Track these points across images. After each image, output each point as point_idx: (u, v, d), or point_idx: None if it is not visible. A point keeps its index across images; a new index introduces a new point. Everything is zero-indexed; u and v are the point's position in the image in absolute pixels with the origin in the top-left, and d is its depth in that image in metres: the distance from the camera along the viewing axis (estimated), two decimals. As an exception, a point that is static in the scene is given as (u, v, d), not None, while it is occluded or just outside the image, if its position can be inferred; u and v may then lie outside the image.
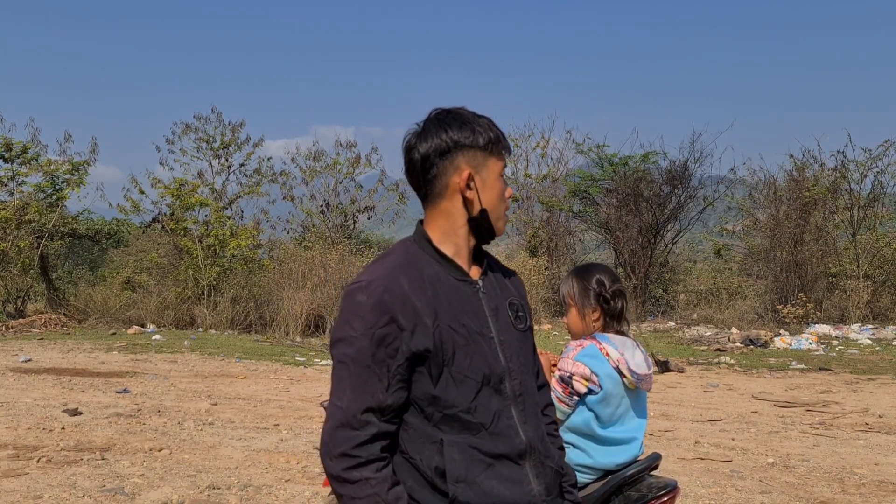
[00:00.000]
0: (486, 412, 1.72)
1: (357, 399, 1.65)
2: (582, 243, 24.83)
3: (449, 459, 1.68)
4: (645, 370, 2.57)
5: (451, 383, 1.70)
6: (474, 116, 1.79)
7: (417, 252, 1.80)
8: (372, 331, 1.66)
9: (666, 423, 7.71)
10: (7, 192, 21.28)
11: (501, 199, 1.81)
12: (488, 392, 1.73)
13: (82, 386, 9.57)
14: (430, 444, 1.70)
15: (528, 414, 1.79)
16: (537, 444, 1.79)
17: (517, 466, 1.74)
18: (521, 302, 1.91)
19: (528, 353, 1.88)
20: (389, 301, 1.67)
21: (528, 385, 1.83)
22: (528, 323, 1.90)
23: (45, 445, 6.40)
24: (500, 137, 1.80)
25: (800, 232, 19.08)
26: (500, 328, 1.79)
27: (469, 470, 1.69)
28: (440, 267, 1.78)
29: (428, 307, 1.70)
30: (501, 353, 1.76)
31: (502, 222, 1.84)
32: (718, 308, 19.29)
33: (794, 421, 7.89)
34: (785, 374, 11.33)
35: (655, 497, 2.49)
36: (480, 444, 1.71)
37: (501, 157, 1.80)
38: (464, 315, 1.74)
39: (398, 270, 1.73)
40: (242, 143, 23.83)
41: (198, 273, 19.53)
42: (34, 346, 14.20)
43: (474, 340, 1.73)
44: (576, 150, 23.65)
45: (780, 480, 5.64)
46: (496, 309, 1.80)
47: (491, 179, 1.79)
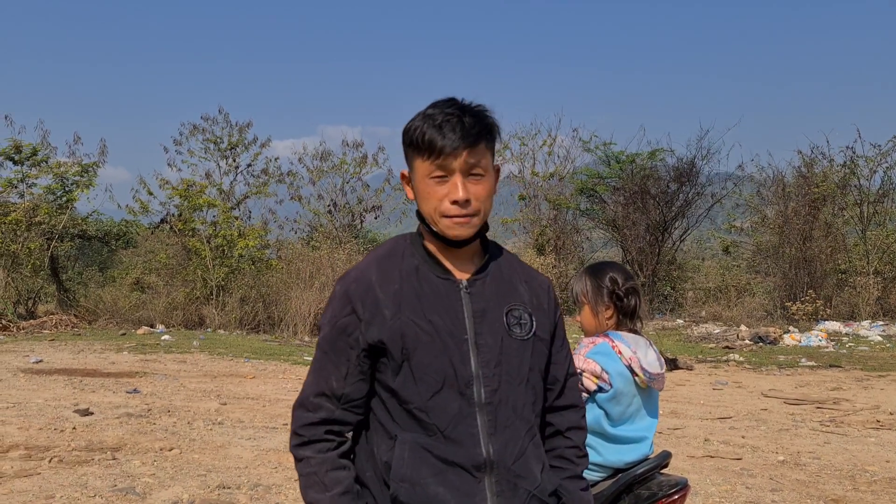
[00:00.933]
0: (444, 415, 1.65)
1: (314, 383, 1.72)
2: (589, 241, 24.81)
3: (397, 457, 1.65)
4: (657, 369, 2.56)
5: (410, 379, 1.66)
6: (436, 110, 1.67)
7: (405, 245, 1.78)
8: (335, 320, 1.71)
9: (675, 420, 7.70)
10: (17, 195, 21.40)
11: (429, 201, 1.68)
12: (450, 394, 1.65)
13: (93, 386, 9.63)
14: (387, 439, 1.68)
15: (499, 426, 1.67)
16: (505, 460, 1.67)
17: (472, 479, 1.65)
18: (530, 310, 1.77)
19: (522, 363, 1.73)
20: (354, 291, 1.70)
21: (508, 395, 1.69)
22: (532, 331, 1.75)
23: (57, 445, 6.44)
24: (425, 138, 1.64)
25: (809, 228, 19.01)
26: (483, 331, 1.69)
27: (416, 471, 1.64)
28: (423, 262, 1.73)
29: (391, 299, 1.67)
30: (474, 357, 1.67)
31: (444, 224, 1.67)
32: (727, 305, 19.24)
33: (805, 418, 7.86)
34: (794, 372, 11.29)
35: (666, 495, 2.48)
36: (433, 446, 1.65)
37: (430, 157, 1.65)
38: (434, 312, 1.68)
39: (374, 262, 1.74)
40: (250, 143, 23.89)
41: (206, 273, 19.61)
42: (45, 347, 14.29)
43: (441, 339, 1.66)
44: (582, 147, 23.66)
45: (791, 478, 5.62)
46: (483, 311, 1.71)
47: (416, 180, 1.71)
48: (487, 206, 1.72)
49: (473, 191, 1.66)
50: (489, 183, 1.71)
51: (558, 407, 1.86)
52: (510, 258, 1.85)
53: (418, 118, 1.68)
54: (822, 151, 20.22)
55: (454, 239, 1.70)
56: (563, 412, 1.87)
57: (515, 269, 1.83)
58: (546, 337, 1.80)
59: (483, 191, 1.68)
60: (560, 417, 1.86)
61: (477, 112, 1.68)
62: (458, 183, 1.65)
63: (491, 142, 1.71)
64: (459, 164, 1.64)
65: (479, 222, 1.71)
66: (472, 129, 1.64)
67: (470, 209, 1.66)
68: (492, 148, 1.72)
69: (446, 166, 1.64)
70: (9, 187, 21.21)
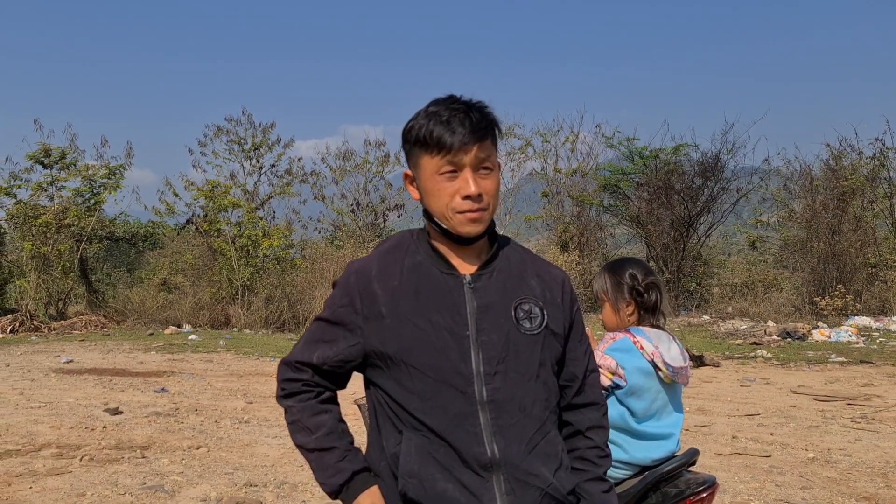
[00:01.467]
0: (443, 414, 1.63)
1: (301, 351, 1.78)
2: (613, 238, 24.63)
3: (405, 452, 1.65)
4: (681, 363, 2.53)
5: (409, 379, 1.66)
6: (440, 107, 1.67)
7: (410, 240, 1.78)
8: (332, 308, 1.75)
9: (702, 417, 7.62)
10: (47, 197, 21.75)
11: (439, 199, 1.66)
12: (450, 393, 1.63)
13: (122, 386, 9.76)
14: (396, 433, 1.69)
15: (504, 424, 1.64)
16: (512, 458, 1.63)
17: (479, 478, 1.62)
18: (541, 303, 1.73)
19: (531, 358, 1.69)
20: (354, 284, 1.72)
21: (513, 392, 1.65)
22: (543, 325, 1.71)
23: (88, 444, 6.54)
24: (433, 135, 1.63)
25: (837, 222, 18.72)
26: (486, 327, 1.66)
27: (423, 467, 1.63)
28: (427, 257, 1.73)
29: (389, 295, 1.68)
30: (475, 354, 1.64)
31: (457, 221, 1.66)
32: (754, 301, 19.01)
33: (835, 415, 7.74)
34: (824, 368, 11.12)
35: (694, 493, 2.46)
36: (435, 447, 1.63)
37: (439, 153, 1.64)
38: (434, 309, 1.66)
39: (377, 256, 1.76)
40: (273, 144, 24.06)
41: (232, 273, 19.78)
42: (75, 347, 14.52)
43: (439, 337, 1.65)
44: (605, 143, 23.50)
45: (822, 476, 5.54)
46: (487, 306, 1.68)
47: (424, 178, 1.69)
48: (495, 201, 1.71)
49: (483, 185, 1.66)
50: (497, 178, 1.71)
51: (578, 405, 1.82)
52: (522, 252, 1.83)
53: (421, 116, 1.67)
54: (851, 144, 19.95)
55: (466, 236, 1.68)
56: (583, 410, 1.82)
57: (527, 262, 1.80)
58: (560, 331, 1.76)
59: (492, 185, 1.68)
60: (580, 416, 1.82)
61: (481, 108, 1.68)
62: (470, 178, 1.64)
63: (495, 137, 1.71)
64: (470, 159, 1.64)
65: (489, 217, 1.70)
66: (480, 124, 1.64)
67: (482, 203, 1.65)
68: (496, 144, 1.72)
69: (456, 162, 1.64)
70: (39, 191, 21.57)
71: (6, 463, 5.89)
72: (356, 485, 1.71)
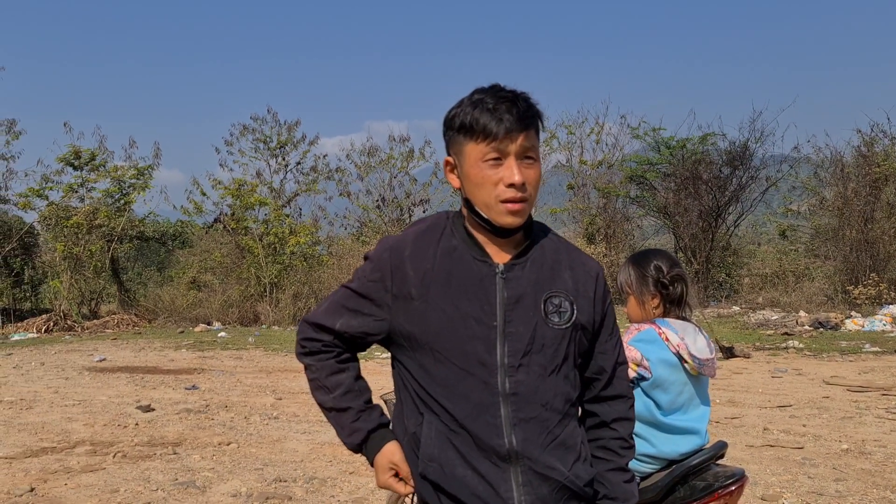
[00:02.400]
0: (465, 404, 1.64)
1: (324, 315, 1.78)
2: (640, 229, 24.43)
3: (425, 435, 1.67)
4: (707, 355, 2.50)
5: (433, 364, 1.66)
6: (485, 95, 1.66)
7: (447, 223, 1.76)
8: (364, 279, 1.75)
9: (732, 409, 7.54)
10: (78, 199, 22.13)
11: (483, 187, 1.65)
12: (473, 382, 1.63)
13: (154, 383, 9.90)
14: (417, 413, 1.71)
15: (524, 416, 1.63)
16: (531, 451, 1.63)
17: (496, 468, 1.63)
18: (572, 297, 1.71)
19: (557, 353, 1.68)
20: (387, 260, 1.71)
21: (536, 385, 1.65)
22: (572, 320, 1.70)
23: (121, 441, 6.65)
24: (479, 122, 1.62)
25: (870, 210, 18.36)
26: (514, 319, 1.65)
27: (443, 452, 1.65)
28: (462, 242, 1.71)
29: (421, 278, 1.67)
30: (500, 345, 1.64)
31: (496, 212, 1.65)
32: (785, 291, 18.73)
33: (869, 406, 7.60)
34: (858, 358, 10.93)
35: (722, 486, 2.43)
36: (454, 434, 1.65)
37: (485, 140, 1.63)
38: (463, 297, 1.65)
39: (412, 236, 1.74)
40: (298, 141, 24.23)
41: (259, 271, 19.96)
42: (108, 346, 14.76)
43: (466, 325, 1.64)
44: (631, 134, 23.30)
45: (856, 467, 5.45)
46: (518, 298, 1.67)
47: (467, 166, 1.67)
48: (536, 192, 1.70)
49: (527, 175, 1.65)
50: (539, 169, 1.69)
51: (605, 397, 1.82)
52: (558, 243, 1.79)
53: (466, 104, 1.66)
54: (883, 129, 19.51)
55: (506, 227, 1.66)
56: (611, 402, 1.82)
57: (562, 254, 1.77)
58: (589, 326, 1.74)
59: (535, 175, 1.67)
60: (607, 408, 1.81)
61: (526, 98, 1.67)
62: (514, 166, 1.63)
63: (538, 129, 1.70)
64: (515, 148, 1.63)
65: (530, 208, 1.69)
66: (527, 113, 1.64)
67: (525, 193, 1.64)
68: (539, 135, 1.71)
69: (502, 149, 1.62)
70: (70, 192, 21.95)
71: (42, 460, 6.01)
72: (373, 443, 1.75)
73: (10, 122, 21.29)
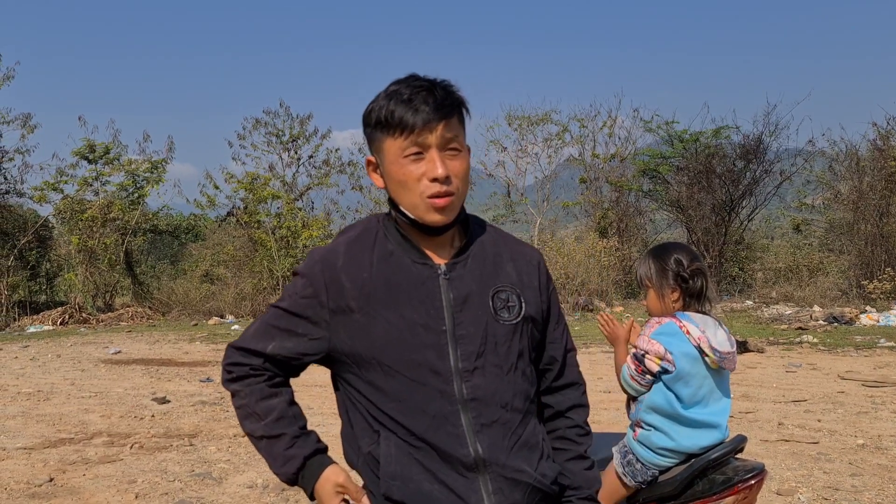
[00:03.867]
0: (423, 416, 1.53)
1: (253, 338, 1.65)
2: (653, 223, 24.32)
3: (384, 454, 1.55)
4: (728, 348, 2.49)
5: (381, 377, 1.55)
6: (401, 85, 1.54)
7: (378, 227, 1.64)
8: (293, 298, 1.62)
9: (747, 404, 7.51)
10: (92, 192, 22.30)
11: (406, 184, 1.53)
12: (428, 393, 1.53)
13: (168, 375, 9.98)
14: (371, 432, 1.59)
15: (487, 421, 1.54)
16: (498, 457, 1.54)
17: (464, 479, 1.53)
18: (518, 290, 1.63)
19: (510, 350, 1.59)
20: (319, 274, 1.59)
21: (495, 388, 1.56)
22: (521, 314, 1.61)
23: (137, 432, 6.71)
24: (395, 114, 1.50)
25: (885, 204, 18.21)
26: (464, 320, 1.55)
27: (406, 467, 1.54)
28: (398, 246, 1.60)
29: (358, 290, 1.56)
30: (452, 350, 1.54)
31: (422, 209, 1.53)
32: (799, 285, 18.61)
33: (885, 401, 7.56)
34: (873, 353, 10.86)
35: (742, 480, 2.42)
36: (416, 447, 1.54)
37: (403, 134, 1.51)
38: (407, 304, 1.55)
39: (343, 245, 1.62)
40: (310, 135, 24.29)
41: (272, 264, 20.04)
42: (123, 338, 14.88)
43: (414, 334, 1.53)
44: (644, 128, 23.16)
45: (872, 463, 5.42)
46: (465, 298, 1.57)
47: (388, 163, 1.55)
48: (465, 186, 1.58)
49: (452, 167, 1.53)
50: (466, 160, 1.58)
51: (558, 387, 1.75)
52: (495, 234, 1.70)
53: (381, 97, 1.55)
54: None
55: (434, 226, 1.56)
56: (563, 391, 1.75)
57: (501, 246, 1.68)
58: (538, 317, 1.66)
59: (461, 167, 1.55)
60: (560, 397, 1.74)
61: (446, 85, 1.55)
62: (437, 158, 1.51)
63: (463, 117, 1.58)
64: (435, 139, 1.51)
65: (459, 204, 1.58)
66: (445, 101, 1.52)
67: (451, 186, 1.53)
68: (464, 124, 1.58)
69: (422, 142, 1.51)
70: (84, 186, 22.11)
71: (60, 451, 6.08)
72: (310, 471, 1.62)
73: (26, 115, 21.46)
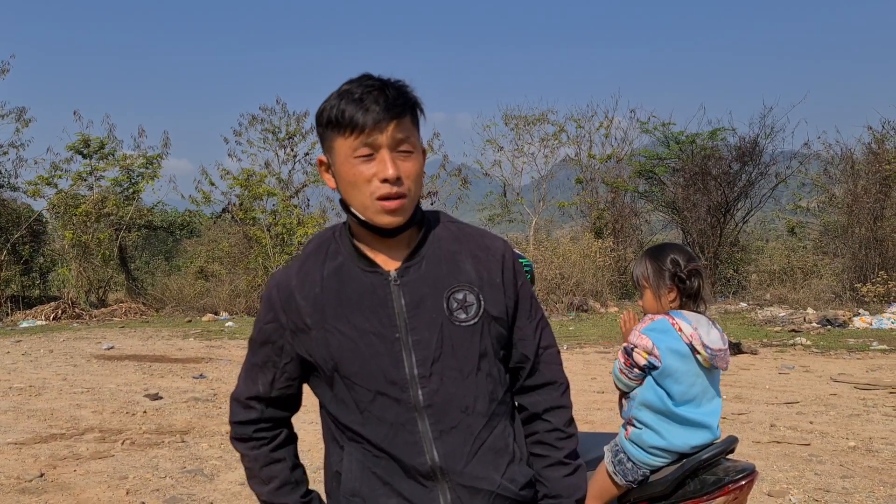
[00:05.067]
0: (381, 425, 1.53)
1: (245, 384, 1.68)
2: (648, 224, 24.36)
3: (346, 469, 1.57)
4: (720, 345, 2.49)
5: (344, 390, 1.55)
6: (353, 85, 1.51)
7: (332, 240, 1.64)
8: (260, 325, 1.64)
9: (739, 405, 7.53)
10: (87, 187, 22.23)
11: (356, 185, 1.50)
12: (385, 402, 1.52)
13: (161, 372, 9.95)
14: (338, 448, 1.61)
15: (446, 428, 1.52)
16: (455, 464, 1.52)
17: (423, 488, 1.52)
18: (476, 288, 1.58)
19: (469, 352, 1.55)
20: (275, 297, 1.61)
21: (453, 392, 1.53)
22: (480, 313, 1.57)
23: (129, 428, 6.69)
24: (345, 114, 1.48)
25: (880, 207, 18.28)
26: (418, 326, 1.53)
27: (365, 483, 1.55)
28: (348, 258, 1.59)
29: (312, 306, 1.56)
30: (407, 357, 1.52)
31: (372, 211, 1.51)
32: (793, 288, 18.67)
33: (877, 403, 7.58)
34: (865, 356, 10.90)
35: (733, 481, 2.42)
36: (375, 460, 1.55)
37: (353, 134, 1.48)
38: (358, 314, 1.54)
39: (298, 264, 1.63)
40: (307, 132, 24.21)
41: (267, 261, 20.02)
42: (116, 334, 14.84)
43: (367, 343, 1.53)
44: (640, 129, 23.20)
45: (863, 465, 5.44)
46: (418, 302, 1.54)
47: (339, 163, 1.52)
48: (418, 188, 1.55)
49: (403, 168, 1.50)
50: (419, 161, 1.54)
51: (532, 386, 1.68)
52: (454, 230, 1.65)
53: (333, 97, 1.52)
54: (894, 127, 19.40)
55: (386, 227, 1.53)
56: (539, 391, 1.68)
57: (461, 242, 1.63)
58: (502, 315, 1.60)
59: (413, 168, 1.52)
60: (535, 398, 1.68)
61: (399, 85, 1.53)
62: (387, 159, 1.48)
63: (416, 117, 1.55)
64: (386, 139, 1.48)
65: (411, 206, 1.54)
66: (396, 101, 1.49)
67: (402, 188, 1.50)
68: (418, 125, 1.55)
69: (372, 142, 1.48)
70: (79, 180, 22.04)
71: (52, 446, 6.05)
72: None
73: (21, 109, 21.40)
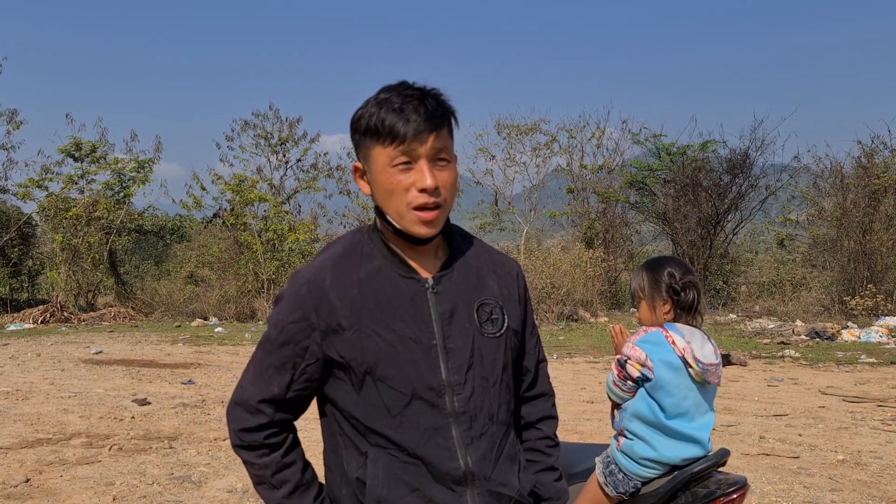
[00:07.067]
0: (415, 430, 1.53)
1: (256, 386, 1.62)
2: (639, 235, 24.43)
3: (371, 475, 1.55)
4: (712, 360, 2.51)
5: (375, 393, 1.54)
6: (391, 93, 1.52)
7: (364, 241, 1.63)
8: (282, 324, 1.58)
9: (728, 417, 7.55)
10: (77, 190, 22.12)
11: (394, 194, 1.51)
12: (421, 407, 1.53)
13: (150, 377, 9.89)
14: (358, 455, 1.58)
15: (476, 434, 1.55)
16: (485, 470, 1.55)
17: (452, 493, 1.54)
18: (502, 302, 1.64)
19: (496, 363, 1.60)
20: (306, 296, 1.56)
21: (483, 400, 1.57)
22: (505, 326, 1.63)
23: (117, 434, 6.64)
24: (385, 123, 1.49)
25: (869, 221, 18.40)
26: (452, 334, 1.56)
27: (392, 489, 1.53)
28: (384, 261, 1.59)
29: (349, 308, 1.54)
30: (444, 364, 1.54)
31: (408, 220, 1.52)
32: (782, 300, 18.76)
33: (865, 417, 7.62)
34: (854, 368, 10.95)
35: (724, 494, 2.43)
36: (405, 465, 1.54)
37: (392, 143, 1.49)
38: (397, 318, 1.54)
39: (330, 262, 1.60)
40: (299, 138, 24.22)
41: (257, 267, 19.95)
42: (104, 338, 14.74)
43: (406, 348, 1.53)
44: (632, 140, 23.28)
45: (851, 478, 5.46)
46: (451, 311, 1.57)
47: (376, 171, 1.53)
48: (453, 197, 1.57)
49: (440, 178, 1.52)
50: (454, 171, 1.57)
51: (530, 397, 1.78)
52: (476, 246, 1.71)
53: (372, 104, 1.52)
54: (883, 141, 19.55)
55: (420, 237, 1.55)
56: (535, 402, 1.78)
57: (483, 258, 1.69)
58: (518, 329, 1.69)
59: (450, 178, 1.54)
60: (532, 408, 1.78)
61: (436, 95, 1.54)
62: (426, 169, 1.50)
63: (452, 127, 1.57)
64: (426, 150, 1.49)
65: (445, 216, 1.57)
66: (436, 112, 1.51)
67: (439, 198, 1.52)
68: (453, 134, 1.57)
69: (411, 152, 1.49)
70: (70, 183, 21.93)
71: (38, 451, 6.00)
72: None
73: (12, 111, 21.29)
